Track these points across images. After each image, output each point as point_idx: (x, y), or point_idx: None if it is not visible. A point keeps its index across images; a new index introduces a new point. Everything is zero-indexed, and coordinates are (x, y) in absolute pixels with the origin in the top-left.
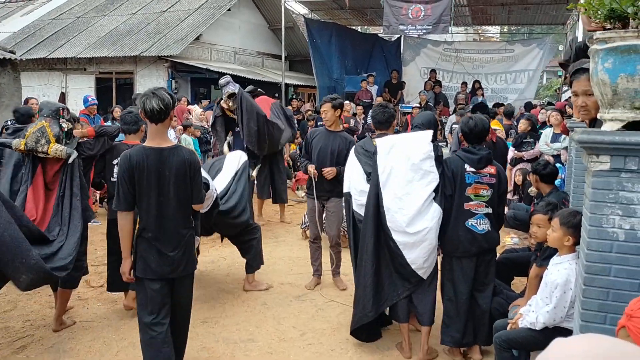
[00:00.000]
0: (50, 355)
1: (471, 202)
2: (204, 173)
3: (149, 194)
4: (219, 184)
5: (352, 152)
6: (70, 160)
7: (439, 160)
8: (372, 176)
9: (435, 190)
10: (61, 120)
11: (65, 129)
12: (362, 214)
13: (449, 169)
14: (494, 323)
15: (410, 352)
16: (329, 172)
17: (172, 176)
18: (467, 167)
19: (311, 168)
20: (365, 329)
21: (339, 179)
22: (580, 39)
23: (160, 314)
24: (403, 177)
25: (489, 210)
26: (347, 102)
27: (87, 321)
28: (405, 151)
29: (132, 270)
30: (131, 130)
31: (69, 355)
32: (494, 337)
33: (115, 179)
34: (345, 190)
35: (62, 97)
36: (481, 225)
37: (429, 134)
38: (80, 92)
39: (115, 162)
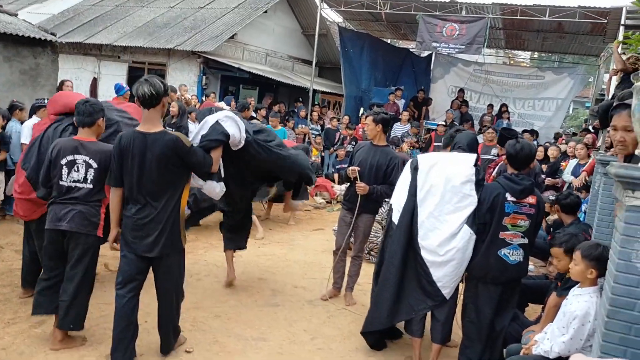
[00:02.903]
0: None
1: (507, 232)
2: (226, 124)
3: (132, 175)
4: None
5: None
6: None
7: (479, 184)
8: (409, 190)
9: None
10: None
11: None
12: None
13: (489, 196)
14: (507, 347)
15: None
16: (361, 187)
17: (154, 160)
18: (508, 196)
19: (353, 169)
20: (373, 335)
21: (372, 197)
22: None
23: (126, 287)
24: (441, 197)
25: (525, 241)
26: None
27: (106, 304)
28: (446, 171)
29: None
30: (85, 122)
31: (85, 333)
32: None
33: (62, 182)
34: (391, 201)
35: (94, 83)
36: (514, 256)
37: (472, 157)
38: (112, 79)
39: (63, 161)
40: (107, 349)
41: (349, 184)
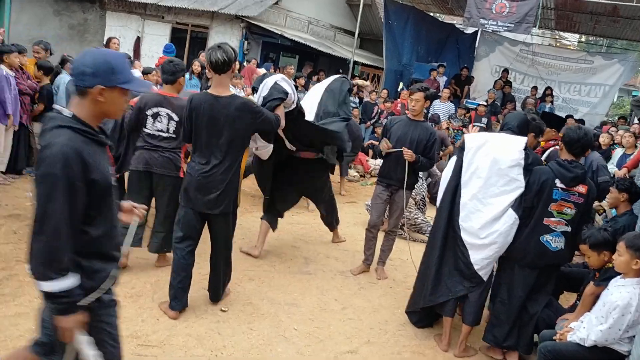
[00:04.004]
0: None
1: (552, 219)
2: (282, 83)
3: (201, 134)
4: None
5: None
6: None
7: (528, 169)
8: (453, 171)
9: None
10: None
11: None
12: None
13: (538, 180)
14: (541, 332)
15: (448, 346)
16: (409, 153)
17: (226, 122)
18: (557, 183)
19: (385, 142)
20: (420, 313)
21: (414, 168)
22: None
23: (185, 241)
24: (486, 180)
25: (568, 229)
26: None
27: (144, 259)
28: (494, 153)
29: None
30: (168, 80)
31: (126, 285)
32: (539, 346)
33: (147, 129)
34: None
35: (138, 42)
36: (555, 243)
37: (522, 141)
38: (155, 38)
39: (149, 112)
40: (147, 301)
41: (383, 160)
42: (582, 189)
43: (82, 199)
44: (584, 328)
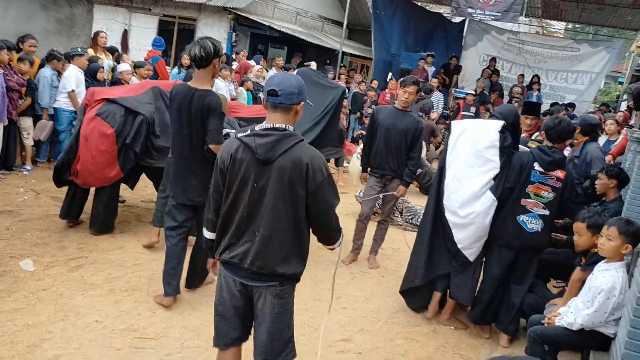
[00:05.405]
0: (102, 274)
1: (529, 200)
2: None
3: (174, 124)
4: None
5: None
6: None
7: (504, 150)
8: (442, 154)
9: (494, 179)
10: None
11: None
12: None
13: (518, 162)
14: (530, 317)
15: (433, 314)
16: (401, 193)
17: (195, 115)
18: (536, 166)
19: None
20: (416, 297)
21: (405, 162)
22: None
23: (175, 230)
24: (465, 161)
25: (546, 212)
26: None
27: (140, 253)
28: (473, 136)
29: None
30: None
31: (121, 280)
32: (528, 331)
33: None
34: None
35: (125, 35)
36: (532, 224)
37: (499, 123)
38: (142, 31)
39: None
40: (142, 295)
41: (375, 151)
42: (560, 173)
43: None
44: (571, 313)
